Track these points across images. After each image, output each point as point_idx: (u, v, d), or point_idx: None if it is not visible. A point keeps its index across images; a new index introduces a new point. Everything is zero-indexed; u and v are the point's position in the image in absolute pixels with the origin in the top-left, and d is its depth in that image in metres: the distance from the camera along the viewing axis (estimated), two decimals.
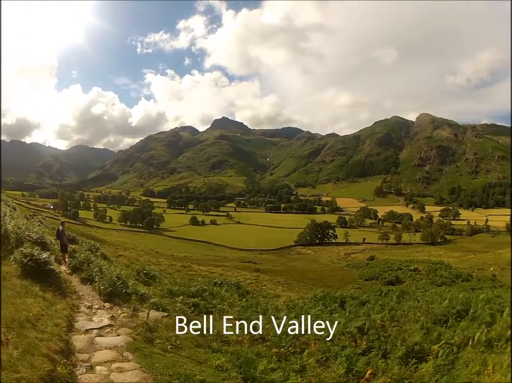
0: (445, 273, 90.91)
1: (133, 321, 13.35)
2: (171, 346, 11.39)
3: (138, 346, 10.71)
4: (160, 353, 10.65)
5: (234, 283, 38.03)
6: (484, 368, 9.59)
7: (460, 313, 14.85)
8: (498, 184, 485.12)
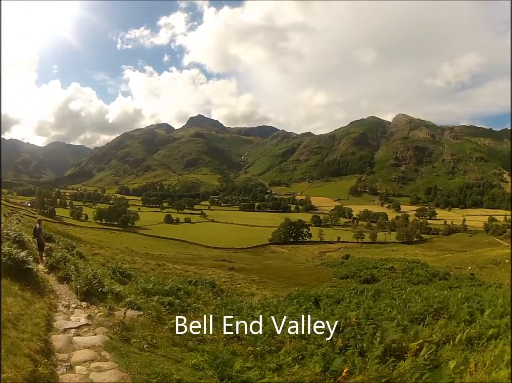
0: (421, 272, 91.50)
1: (109, 320, 13.37)
2: (148, 345, 11.50)
3: (115, 345, 10.76)
4: (136, 352, 10.75)
5: (208, 281, 37.70)
6: (466, 366, 9.74)
7: (438, 311, 14.89)
8: (476, 185, 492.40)
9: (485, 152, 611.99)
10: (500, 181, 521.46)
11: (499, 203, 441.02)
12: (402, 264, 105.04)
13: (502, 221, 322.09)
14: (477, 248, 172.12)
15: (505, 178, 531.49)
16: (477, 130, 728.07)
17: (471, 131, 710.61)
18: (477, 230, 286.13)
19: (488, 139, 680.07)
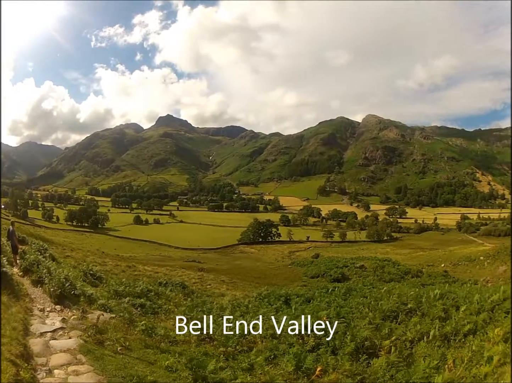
0: (393, 270, 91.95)
1: (83, 323, 13.35)
2: (121, 347, 11.48)
3: (89, 349, 10.77)
4: (111, 355, 10.75)
5: (178, 282, 37.66)
6: (443, 362, 9.81)
7: (411, 308, 14.98)
8: (448, 184, 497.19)
9: (457, 152, 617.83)
10: (473, 180, 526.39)
11: (472, 201, 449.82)
12: (373, 262, 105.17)
13: (476, 219, 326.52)
14: (449, 246, 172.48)
15: (478, 177, 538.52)
16: (449, 130, 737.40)
17: (442, 132, 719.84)
18: (449, 228, 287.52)
19: (460, 139, 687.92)
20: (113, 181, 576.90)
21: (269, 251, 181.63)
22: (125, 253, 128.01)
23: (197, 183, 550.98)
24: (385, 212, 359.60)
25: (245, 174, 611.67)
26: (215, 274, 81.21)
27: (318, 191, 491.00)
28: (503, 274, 74.30)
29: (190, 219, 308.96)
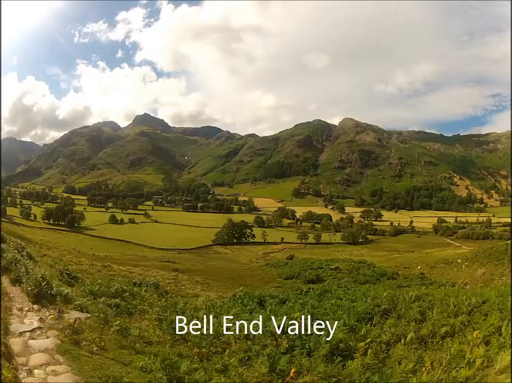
0: (368, 272, 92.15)
1: (59, 323, 13.20)
2: (97, 348, 11.39)
3: (66, 349, 10.67)
4: (87, 355, 10.68)
5: (153, 283, 37.39)
6: (421, 365, 9.94)
7: (386, 310, 15.11)
8: (424, 188, 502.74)
9: (434, 157, 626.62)
10: (450, 184, 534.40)
11: (449, 205, 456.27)
12: (348, 264, 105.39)
13: (453, 222, 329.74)
14: (426, 248, 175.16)
15: (456, 181, 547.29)
16: (426, 135, 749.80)
17: (420, 136, 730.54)
18: (426, 231, 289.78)
19: (438, 144, 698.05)
20: (90, 179, 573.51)
21: (243, 252, 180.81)
22: (101, 253, 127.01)
23: (172, 183, 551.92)
24: (360, 214, 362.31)
25: (220, 174, 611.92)
26: (189, 275, 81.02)
27: (293, 193, 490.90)
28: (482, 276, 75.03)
29: (165, 219, 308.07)
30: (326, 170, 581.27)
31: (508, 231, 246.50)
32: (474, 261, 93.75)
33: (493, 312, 12.25)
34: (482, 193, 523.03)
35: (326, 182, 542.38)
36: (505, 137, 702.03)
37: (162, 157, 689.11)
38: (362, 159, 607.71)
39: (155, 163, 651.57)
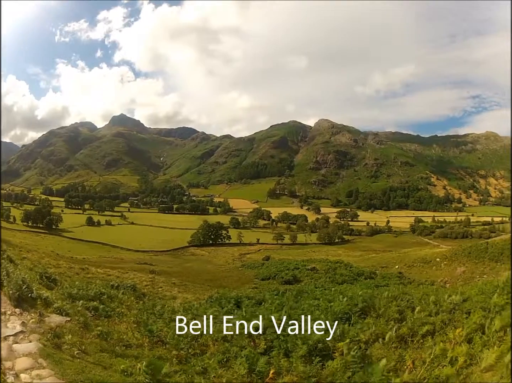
0: (345, 272, 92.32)
1: (41, 326, 13.13)
2: (78, 351, 11.41)
3: (49, 353, 10.63)
4: (69, 359, 10.68)
5: (130, 285, 37.28)
6: (402, 364, 9.99)
7: (364, 310, 15.18)
8: (401, 188, 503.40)
9: (411, 157, 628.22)
10: (428, 184, 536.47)
11: (426, 205, 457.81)
12: (324, 264, 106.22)
13: (430, 222, 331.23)
14: (403, 247, 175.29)
15: (433, 181, 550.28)
16: (403, 136, 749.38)
17: (396, 137, 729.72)
18: (403, 231, 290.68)
19: (415, 145, 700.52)
20: (67, 180, 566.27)
21: (219, 254, 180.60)
22: (79, 255, 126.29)
23: (148, 184, 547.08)
24: (336, 215, 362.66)
25: (195, 176, 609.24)
26: (166, 277, 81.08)
27: (268, 194, 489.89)
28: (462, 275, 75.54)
29: (141, 220, 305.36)
30: (302, 171, 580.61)
31: (488, 230, 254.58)
32: (453, 259, 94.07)
33: (475, 310, 12.22)
34: (460, 193, 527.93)
35: (301, 183, 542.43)
36: (484, 137, 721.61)
37: (138, 158, 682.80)
38: (337, 160, 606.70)
39: (131, 164, 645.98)
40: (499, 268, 68.21)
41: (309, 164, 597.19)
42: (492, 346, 9.42)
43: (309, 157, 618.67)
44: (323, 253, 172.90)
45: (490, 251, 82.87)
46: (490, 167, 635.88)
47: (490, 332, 10.23)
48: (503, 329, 10.12)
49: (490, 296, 13.01)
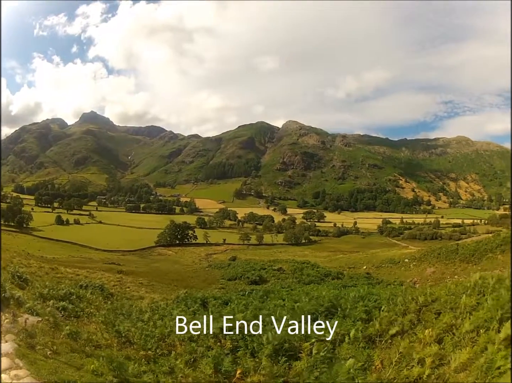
0: (312, 272, 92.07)
1: (14, 327, 13.12)
2: (50, 351, 11.44)
3: (23, 353, 10.69)
4: (42, 359, 10.74)
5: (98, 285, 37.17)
6: (370, 363, 9.99)
7: (330, 310, 15.18)
8: (368, 190, 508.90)
9: (379, 160, 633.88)
10: (396, 187, 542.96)
11: (394, 207, 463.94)
12: (291, 265, 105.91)
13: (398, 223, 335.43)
14: (371, 248, 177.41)
15: (401, 184, 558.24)
16: (371, 138, 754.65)
17: (365, 140, 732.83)
18: (370, 232, 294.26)
19: (383, 148, 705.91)
20: (37, 178, 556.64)
21: (186, 254, 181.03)
22: (49, 255, 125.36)
23: (115, 183, 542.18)
24: (303, 215, 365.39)
25: (162, 175, 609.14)
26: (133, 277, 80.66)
27: (235, 194, 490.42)
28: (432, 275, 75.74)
29: (108, 220, 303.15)
30: (268, 172, 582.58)
31: (458, 231, 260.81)
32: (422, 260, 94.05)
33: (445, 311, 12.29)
34: (429, 196, 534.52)
35: (268, 184, 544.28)
36: (456, 142, 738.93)
37: (106, 157, 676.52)
38: (304, 161, 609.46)
39: (99, 163, 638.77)
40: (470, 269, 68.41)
41: (276, 165, 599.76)
42: (465, 347, 9.51)
43: (276, 158, 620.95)
44: (290, 254, 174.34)
45: (461, 253, 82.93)
46: (461, 170, 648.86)
47: (461, 333, 10.30)
48: (475, 330, 10.24)
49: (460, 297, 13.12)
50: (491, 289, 13.28)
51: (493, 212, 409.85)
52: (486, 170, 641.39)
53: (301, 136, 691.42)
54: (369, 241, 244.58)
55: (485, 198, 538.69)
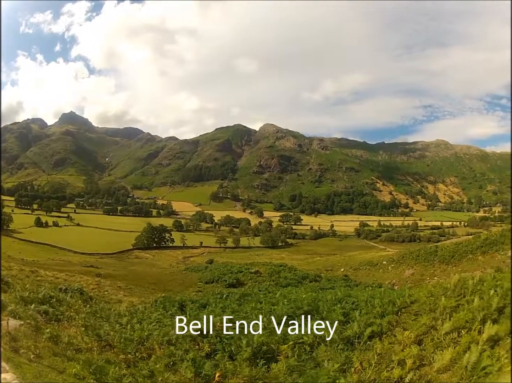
0: (289, 275, 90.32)
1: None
2: (33, 355, 11.38)
3: (9, 356, 10.64)
4: (26, 363, 10.70)
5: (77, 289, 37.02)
6: (350, 365, 10.12)
7: (308, 313, 15.37)
8: (345, 193, 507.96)
9: (356, 163, 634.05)
10: (373, 189, 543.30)
11: (371, 210, 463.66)
12: (268, 268, 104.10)
13: (376, 226, 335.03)
14: (348, 251, 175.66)
15: (379, 187, 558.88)
16: (349, 142, 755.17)
17: (342, 143, 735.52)
18: (348, 235, 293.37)
19: (361, 151, 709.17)
20: (17, 179, 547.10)
21: (163, 257, 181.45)
22: (29, 257, 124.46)
23: (93, 185, 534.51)
24: (279, 218, 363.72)
25: (139, 177, 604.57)
26: (112, 280, 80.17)
27: (211, 197, 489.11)
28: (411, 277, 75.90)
29: (86, 222, 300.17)
30: (245, 175, 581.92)
31: (436, 234, 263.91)
32: (401, 262, 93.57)
33: (424, 312, 12.56)
34: (407, 198, 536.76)
35: (244, 187, 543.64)
36: (434, 145, 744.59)
37: (84, 158, 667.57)
38: (281, 164, 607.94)
39: (78, 164, 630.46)
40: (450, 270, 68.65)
41: (252, 168, 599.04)
42: (446, 348, 9.64)
43: (252, 161, 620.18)
44: (267, 257, 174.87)
45: (440, 254, 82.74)
46: (440, 173, 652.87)
47: (441, 334, 10.48)
48: (456, 330, 10.39)
49: (439, 298, 13.23)
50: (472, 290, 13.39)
51: (473, 215, 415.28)
52: (466, 173, 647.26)
53: (278, 139, 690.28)
54: (346, 244, 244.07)
55: (464, 201, 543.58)
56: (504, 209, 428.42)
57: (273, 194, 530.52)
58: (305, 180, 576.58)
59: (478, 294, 12.61)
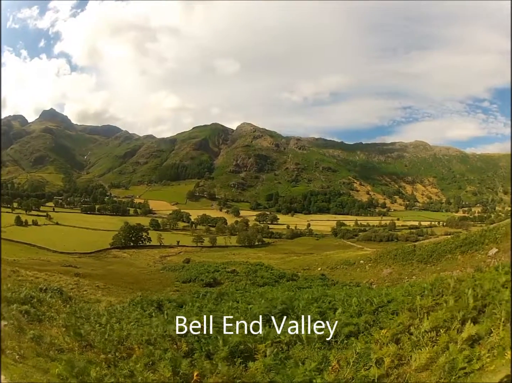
0: (266, 274, 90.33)
1: None
2: (18, 356, 11.44)
3: None
4: (12, 363, 10.76)
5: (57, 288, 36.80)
6: (327, 364, 10.15)
7: (284, 311, 15.48)
8: (322, 193, 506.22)
9: (333, 163, 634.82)
10: (350, 189, 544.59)
11: (348, 209, 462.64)
12: (245, 267, 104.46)
13: (353, 225, 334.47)
14: (325, 250, 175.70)
15: (356, 187, 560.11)
16: (326, 142, 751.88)
17: (319, 143, 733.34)
18: (324, 234, 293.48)
19: (338, 151, 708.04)
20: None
21: (141, 256, 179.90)
22: (9, 257, 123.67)
23: (71, 183, 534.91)
24: (256, 218, 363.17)
25: (117, 176, 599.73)
26: (90, 280, 79.81)
27: (187, 195, 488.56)
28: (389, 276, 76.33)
29: (65, 221, 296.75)
30: (221, 174, 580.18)
31: (414, 233, 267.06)
32: (378, 261, 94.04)
33: (401, 311, 12.72)
34: (384, 198, 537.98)
35: (220, 186, 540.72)
36: (413, 146, 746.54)
37: (63, 156, 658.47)
38: (258, 163, 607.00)
39: (56, 162, 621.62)
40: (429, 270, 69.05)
41: (229, 167, 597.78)
42: (424, 347, 9.83)
43: (229, 160, 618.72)
44: (243, 256, 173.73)
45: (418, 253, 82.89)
46: (418, 174, 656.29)
47: (420, 333, 10.63)
48: (434, 329, 10.57)
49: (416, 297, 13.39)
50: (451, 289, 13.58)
51: (451, 214, 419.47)
52: (445, 174, 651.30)
53: (255, 139, 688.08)
54: (323, 243, 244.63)
55: (443, 201, 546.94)
56: (484, 210, 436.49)
57: (249, 193, 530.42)
58: (281, 179, 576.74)
59: (456, 294, 12.81)
